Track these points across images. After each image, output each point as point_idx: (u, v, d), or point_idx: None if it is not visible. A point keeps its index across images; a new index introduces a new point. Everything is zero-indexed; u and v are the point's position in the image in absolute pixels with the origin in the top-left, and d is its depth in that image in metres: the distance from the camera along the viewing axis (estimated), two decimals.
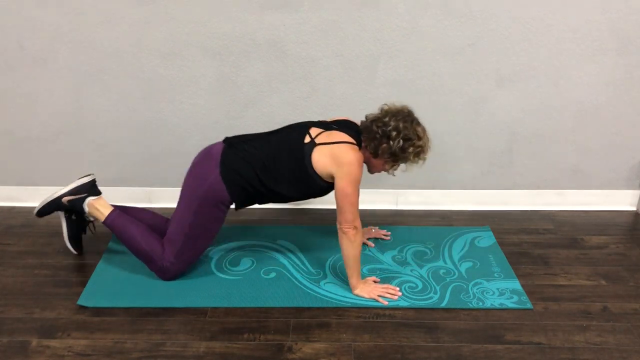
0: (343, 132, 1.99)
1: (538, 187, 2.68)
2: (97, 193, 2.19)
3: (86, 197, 2.15)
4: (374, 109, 2.48)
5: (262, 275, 2.14)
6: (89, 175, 2.21)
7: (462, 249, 2.34)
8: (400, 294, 2.03)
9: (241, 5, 2.28)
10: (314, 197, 2.09)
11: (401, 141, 1.90)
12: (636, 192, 2.69)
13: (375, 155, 1.97)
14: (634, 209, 2.70)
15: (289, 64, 2.39)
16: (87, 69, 2.41)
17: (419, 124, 1.96)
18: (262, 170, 1.98)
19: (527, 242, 2.41)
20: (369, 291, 2.02)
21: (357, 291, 2.03)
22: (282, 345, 1.79)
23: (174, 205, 2.69)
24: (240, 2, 2.28)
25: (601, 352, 1.77)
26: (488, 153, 2.59)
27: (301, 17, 2.30)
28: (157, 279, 2.10)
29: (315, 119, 2.49)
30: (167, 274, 2.07)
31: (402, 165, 2.02)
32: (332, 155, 1.93)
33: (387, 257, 2.27)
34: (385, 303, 1.98)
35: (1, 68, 2.41)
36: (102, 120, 2.53)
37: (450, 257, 2.28)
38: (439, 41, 2.34)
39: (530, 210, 2.69)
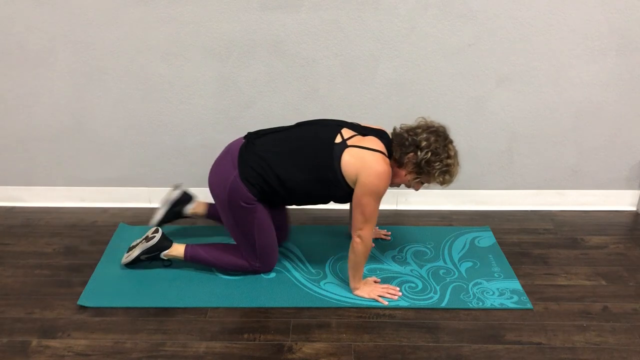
0: (377, 139, 1.91)
1: (538, 187, 2.68)
2: (169, 243, 2.15)
3: (159, 253, 2.14)
4: (374, 109, 2.49)
5: (262, 275, 2.14)
6: (156, 231, 2.17)
7: (462, 249, 2.34)
8: (400, 294, 2.03)
9: (241, 5, 2.28)
10: (334, 200, 1.99)
11: (429, 153, 1.83)
12: (636, 192, 2.69)
13: (400, 164, 1.90)
14: (634, 209, 2.70)
15: (289, 64, 2.39)
16: (87, 69, 2.41)
17: (452, 143, 1.89)
18: (279, 167, 1.90)
19: (527, 242, 2.41)
20: (369, 292, 2.02)
21: (357, 292, 2.03)
22: (282, 345, 1.79)
23: None
24: (240, 2, 2.28)
25: (601, 352, 1.77)
26: (488, 153, 2.59)
27: (301, 17, 2.30)
28: (157, 279, 2.10)
29: (316, 119, 2.50)
30: (266, 270, 2.12)
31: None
32: (362, 161, 1.84)
33: (387, 257, 2.27)
34: (386, 303, 1.98)
35: (1, 68, 2.41)
36: (102, 120, 2.53)
37: (450, 257, 2.28)
38: (439, 41, 2.34)
39: (530, 210, 2.69)
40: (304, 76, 2.42)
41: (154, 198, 2.70)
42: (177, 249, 2.14)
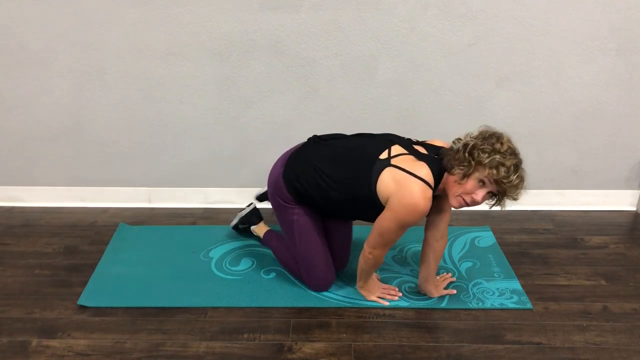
0: (427, 163, 1.74)
1: (538, 187, 2.68)
2: (257, 220, 2.37)
3: (249, 226, 2.36)
4: (374, 109, 2.49)
5: (262, 275, 2.14)
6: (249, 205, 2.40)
7: (462, 249, 2.33)
8: (400, 294, 2.03)
9: (241, 5, 2.28)
10: (366, 219, 1.91)
11: (470, 143, 1.67)
12: (636, 192, 2.69)
13: (448, 169, 1.71)
14: (634, 209, 2.70)
15: (289, 64, 2.39)
16: (87, 69, 2.41)
17: (504, 139, 1.70)
18: (318, 173, 1.84)
19: (527, 242, 2.41)
20: (368, 293, 2.01)
21: (359, 290, 2.02)
22: (282, 345, 1.79)
23: (174, 205, 2.72)
24: (240, 2, 2.28)
25: (601, 352, 1.77)
26: None
27: (301, 17, 2.30)
28: (157, 279, 2.10)
29: (316, 119, 2.51)
30: (312, 285, 2.05)
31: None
32: (399, 184, 1.70)
33: (387, 257, 2.27)
34: (386, 304, 1.98)
35: (1, 68, 2.41)
36: (102, 120, 2.53)
37: (450, 257, 2.28)
38: (439, 41, 2.34)
39: (530, 210, 2.69)
40: (304, 76, 2.42)
41: (154, 198, 2.70)
42: (261, 229, 2.32)
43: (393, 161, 1.75)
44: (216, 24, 2.32)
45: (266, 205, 2.58)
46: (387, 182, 1.72)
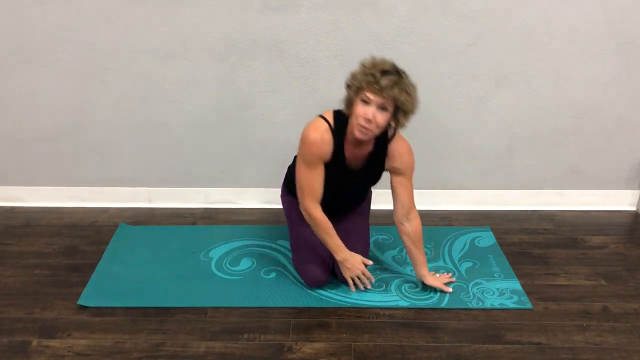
0: (334, 111, 1.86)
1: (538, 187, 2.68)
2: None
3: None
4: None
5: (262, 275, 2.15)
6: None
7: (462, 249, 2.34)
8: (369, 287, 2.01)
9: (241, 5, 2.28)
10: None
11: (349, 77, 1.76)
12: (636, 192, 2.69)
13: (349, 106, 1.78)
14: (634, 209, 2.70)
15: (289, 64, 2.39)
16: (87, 69, 2.41)
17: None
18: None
19: (527, 242, 2.41)
20: (346, 269, 1.96)
21: (340, 262, 1.97)
22: (282, 345, 1.79)
23: (174, 205, 2.72)
24: (240, 2, 2.28)
25: (601, 352, 1.77)
26: (488, 153, 2.59)
27: (301, 17, 2.30)
28: (157, 279, 2.11)
29: None
30: (302, 275, 2.07)
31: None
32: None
33: (387, 257, 2.27)
34: (352, 289, 1.98)
35: (1, 68, 2.41)
36: (102, 120, 2.53)
37: (450, 257, 2.28)
38: (439, 41, 2.34)
39: (530, 210, 2.69)
40: (304, 76, 2.42)
41: (154, 198, 2.70)
42: None
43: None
44: (216, 24, 2.32)
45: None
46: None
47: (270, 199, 2.66)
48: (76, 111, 2.51)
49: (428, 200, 2.68)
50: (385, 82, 1.67)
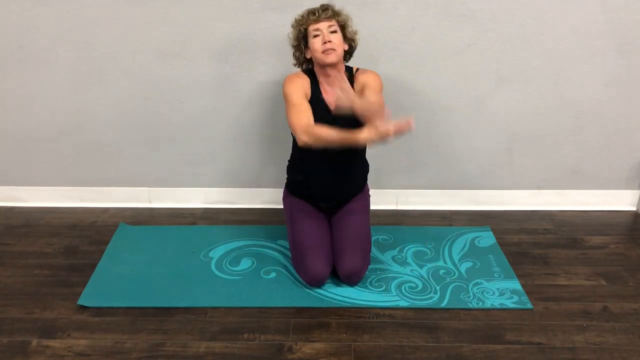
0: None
1: (538, 187, 2.68)
2: None
3: None
4: None
5: (262, 275, 2.15)
6: None
7: (462, 249, 2.34)
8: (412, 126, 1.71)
9: (241, 5, 2.28)
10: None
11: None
12: (636, 192, 2.69)
13: (304, 51, 2.09)
14: (634, 209, 2.70)
15: (289, 64, 2.39)
16: (87, 69, 2.41)
17: None
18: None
19: (527, 242, 2.41)
20: (375, 127, 1.73)
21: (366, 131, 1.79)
22: (282, 345, 1.79)
23: (174, 205, 2.72)
24: (240, 2, 2.28)
25: (601, 352, 1.77)
26: (488, 153, 2.59)
27: None
28: (157, 279, 2.11)
29: None
30: (301, 273, 2.08)
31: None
32: None
33: (387, 257, 2.27)
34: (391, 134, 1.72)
35: (1, 68, 2.41)
36: (102, 120, 2.53)
37: (450, 257, 2.28)
38: (439, 41, 2.34)
39: (530, 210, 2.69)
40: None
41: (154, 198, 2.70)
42: None
43: None
44: (216, 24, 2.32)
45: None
46: None
47: (270, 199, 2.66)
48: (76, 111, 2.51)
49: (428, 200, 2.68)
50: (325, 11, 2.01)
